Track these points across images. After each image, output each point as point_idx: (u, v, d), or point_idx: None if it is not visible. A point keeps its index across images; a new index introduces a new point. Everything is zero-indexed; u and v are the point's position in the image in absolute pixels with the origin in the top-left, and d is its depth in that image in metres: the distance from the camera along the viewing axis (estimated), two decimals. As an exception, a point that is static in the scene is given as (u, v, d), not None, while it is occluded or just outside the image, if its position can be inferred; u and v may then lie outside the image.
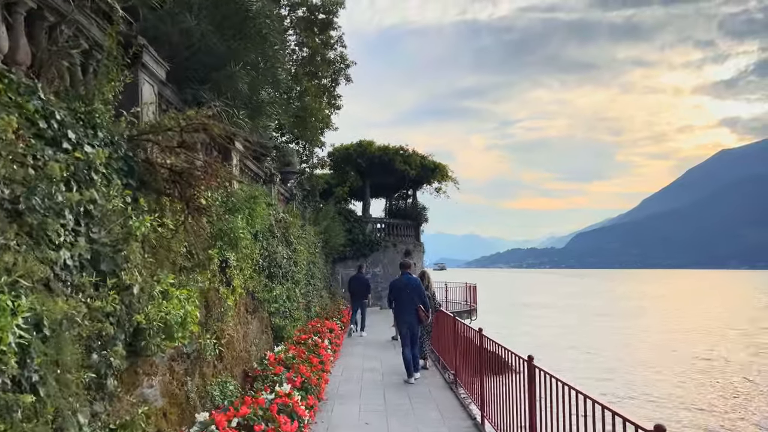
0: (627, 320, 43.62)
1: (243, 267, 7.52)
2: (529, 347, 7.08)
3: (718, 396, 19.04)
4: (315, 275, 15.90)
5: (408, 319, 9.23)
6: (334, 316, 15.69)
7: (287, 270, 10.65)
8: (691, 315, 47.98)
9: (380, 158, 24.29)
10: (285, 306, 9.94)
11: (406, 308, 9.25)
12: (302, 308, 12.43)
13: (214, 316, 6.25)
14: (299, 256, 12.22)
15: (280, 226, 10.65)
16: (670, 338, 33.31)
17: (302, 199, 19.23)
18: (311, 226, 17.75)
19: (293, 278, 11.24)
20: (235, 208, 6.44)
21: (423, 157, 25.79)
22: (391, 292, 9.61)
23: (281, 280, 10.02)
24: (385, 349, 13.19)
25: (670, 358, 26.36)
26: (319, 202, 22.51)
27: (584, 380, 20.77)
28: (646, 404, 17.89)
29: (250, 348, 7.92)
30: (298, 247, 12.34)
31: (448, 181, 26.71)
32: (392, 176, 25.96)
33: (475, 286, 26.37)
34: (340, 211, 23.10)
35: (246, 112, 8.30)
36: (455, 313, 11.49)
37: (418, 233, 27.15)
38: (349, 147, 24.71)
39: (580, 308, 55.18)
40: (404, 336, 9.34)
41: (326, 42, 18.73)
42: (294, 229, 11.64)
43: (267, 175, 12.37)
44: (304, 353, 8.63)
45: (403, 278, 9.50)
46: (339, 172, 25.97)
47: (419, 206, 27.19)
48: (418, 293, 9.26)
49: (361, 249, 24.16)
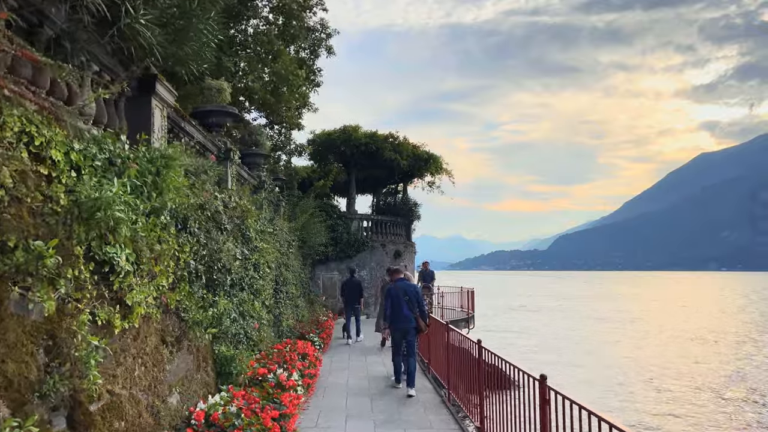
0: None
1: (154, 272, 4.59)
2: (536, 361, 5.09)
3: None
4: (288, 281, 12.93)
5: (403, 327, 8.84)
6: (312, 331, 12.74)
7: (241, 276, 7.68)
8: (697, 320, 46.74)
9: (367, 146, 21.31)
10: (235, 327, 6.97)
11: (402, 315, 8.84)
12: (268, 325, 9.47)
13: (66, 367, 3.31)
14: (263, 257, 9.25)
15: (232, 214, 7.68)
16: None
17: (274, 190, 16.25)
18: (285, 221, 14.77)
19: (252, 287, 8.27)
20: (110, 164, 3.50)
21: (415, 146, 22.93)
22: (388, 298, 9.05)
23: (230, 291, 7.04)
24: (377, 370, 10.26)
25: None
26: (297, 195, 19.50)
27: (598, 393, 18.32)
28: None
29: (167, 401, 4.95)
30: (263, 245, 9.38)
31: (443, 175, 23.88)
32: (380, 168, 23.05)
33: (473, 290, 23.58)
34: (321, 206, 20.12)
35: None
36: (451, 322, 10.65)
37: (410, 232, 24.24)
38: (332, 133, 21.67)
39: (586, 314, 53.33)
40: (398, 344, 8.99)
41: (304, 3, 15.77)
42: (252, 221, 8.67)
43: (221, 150, 9.39)
44: (258, 402, 5.68)
45: (399, 284, 9.04)
46: (320, 162, 22.97)
47: (410, 202, 24.27)
48: (416, 300, 8.88)
49: (345, 249, 21.20)
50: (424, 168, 22.96)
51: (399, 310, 8.82)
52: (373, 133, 21.82)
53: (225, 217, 7.19)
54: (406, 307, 8.77)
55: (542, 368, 5.16)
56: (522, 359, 9.16)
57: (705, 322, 44.28)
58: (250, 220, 8.45)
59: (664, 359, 26.98)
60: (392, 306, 8.90)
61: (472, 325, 22.87)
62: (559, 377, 17.75)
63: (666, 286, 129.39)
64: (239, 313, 7.31)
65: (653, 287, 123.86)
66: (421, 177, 24.58)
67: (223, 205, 7.26)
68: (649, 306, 63.44)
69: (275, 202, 16.06)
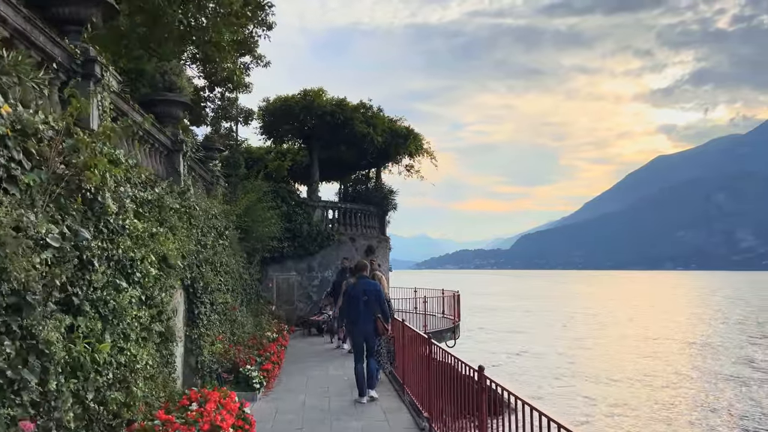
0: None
1: None
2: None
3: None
4: (214, 287, 8.78)
5: (364, 330, 8.08)
6: (251, 360, 8.65)
7: (83, 282, 3.54)
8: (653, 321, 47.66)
9: (333, 116, 17.14)
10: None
11: (362, 317, 8.07)
12: (159, 369, 5.36)
13: None
14: (147, 247, 5.14)
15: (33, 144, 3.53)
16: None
17: (209, 166, 12.02)
18: (218, 202, 10.61)
19: (105, 305, 4.16)
20: None
21: (392, 120, 18.98)
22: (345, 298, 8.61)
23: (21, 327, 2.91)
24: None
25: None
26: (243, 175, 15.23)
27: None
28: None
29: None
30: (147, 226, 5.27)
31: (423, 157, 19.99)
32: (349, 145, 19.01)
33: (458, 295, 19.81)
34: (275, 189, 15.95)
35: None
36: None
37: (384, 224, 20.22)
38: (290, 99, 17.33)
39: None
40: (359, 349, 8.12)
41: None
42: (119, 174, 4.49)
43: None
44: None
45: (360, 283, 8.29)
46: (274, 138, 18.75)
47: (385, 188, 20.26)
48: (377, 300, 8.09)
49: (305, 244, 17.06)
50: (402, 147, 18.98)
51: (357, 313, 8.10)
52: (341, 100, 17.64)
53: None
54: (364, 308, 8.03)
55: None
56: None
57: (647, 321, 46.37)
58: (107, 174, 4.28)
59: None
60: (349, 307, 8.28)
61: (458, 334, 19.12)
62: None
63: (620, 285, 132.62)
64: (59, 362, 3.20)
65: (607, 286, 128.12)
66: (396, 161, 20.65)
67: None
68: (597, 304, 66.95)
69: (209, 180, 11.86)
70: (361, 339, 8.13)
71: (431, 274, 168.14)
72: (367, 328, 8.05)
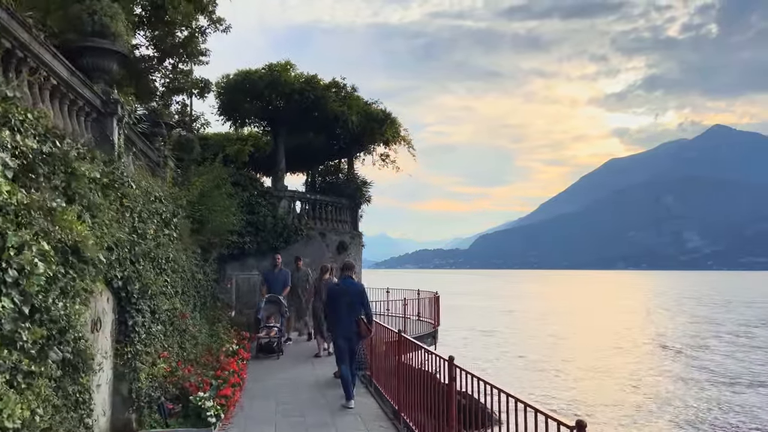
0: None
1: None
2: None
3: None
4: (165, 289, 6.77)
5: (346, 332, 7.82)
6: (204, 384, 6.70)
7: None
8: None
9: (302, 95, 15.14)
10: None
11: (344, 319, 7.82)
12: (46, 422, 3.40)
13: None
14: (24, 230, 3.20)
15: None
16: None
17: (159, 143, 9.90)
18: (167, 186, 8.57)
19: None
20: None
21: (367, 103, 17.15)
22: (328, 298, 8.20)
23: None
24: None
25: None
26: (198, 159, 13.08)
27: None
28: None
29: None
30: (37, 197, 3.32)
31: (400, 144, 18.24)
32: (320, 130, 17.08)
33: (438, 297, 18.15)
34: (234, 175, 13.87)
35: None
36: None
37: (356, 219, 18.33)
38: (253, 73, 15.20)
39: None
40: (342, 351, 7.85)
41: None
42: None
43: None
44: None
45: (343, 283, 8.06)
46: (234, 119, 16.61)
47: (359, 179, 18.39)
48: (360, 301, 7.90)
49: (269, 239, 15.02)
50: (377, 132, 17.14)
51: (340, 314, 7.87)
52: (312, 77, 15.62)
53: None
54: (347, 310, 7.79)
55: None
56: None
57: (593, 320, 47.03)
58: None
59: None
60: (332, 309, 8.08)
61: (437, 339, 17.46)
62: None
63: (571, 285, 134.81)
64: None
65: (558, 285, 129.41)
66: (369, 151, 18.84)
67: None
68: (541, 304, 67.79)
69: (155, 159, 9.76)
70: (344, 342, 7.88)
71: (391, 273, 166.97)
72: (349, 330, 7.84)
